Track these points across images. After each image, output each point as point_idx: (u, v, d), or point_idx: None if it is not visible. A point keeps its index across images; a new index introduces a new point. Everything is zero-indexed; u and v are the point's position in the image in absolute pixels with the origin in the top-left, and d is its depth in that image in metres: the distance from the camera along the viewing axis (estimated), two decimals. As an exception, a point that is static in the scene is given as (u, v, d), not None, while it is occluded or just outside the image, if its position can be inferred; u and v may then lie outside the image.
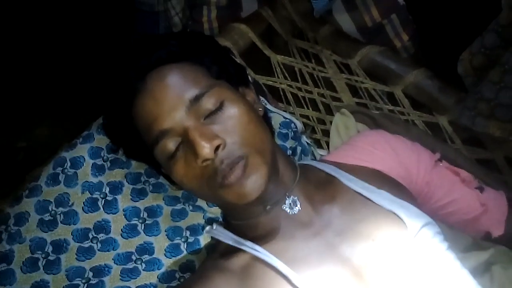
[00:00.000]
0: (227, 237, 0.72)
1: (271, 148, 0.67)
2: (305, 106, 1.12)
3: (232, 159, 0.62)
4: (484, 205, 0.77)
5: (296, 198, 0.70)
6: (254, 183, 0.62)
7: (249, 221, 0.71)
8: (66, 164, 0.88)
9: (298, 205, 0.70)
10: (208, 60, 0.69)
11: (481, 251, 0.81)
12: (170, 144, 0.65)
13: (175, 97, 0.64)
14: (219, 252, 0.73)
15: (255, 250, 0.67)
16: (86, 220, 0.86)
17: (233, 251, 0.70)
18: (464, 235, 0.83)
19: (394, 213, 0.67)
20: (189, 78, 0.65)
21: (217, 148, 0.61)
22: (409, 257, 0.65)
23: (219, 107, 0.64)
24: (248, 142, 0.63)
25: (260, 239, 0.69)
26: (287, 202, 0.70)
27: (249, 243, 0.68)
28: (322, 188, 0.73)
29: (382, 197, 0.70)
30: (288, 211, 0.69)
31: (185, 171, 0.64)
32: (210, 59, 0.69)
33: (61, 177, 0.87)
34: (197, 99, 0.64)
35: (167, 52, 0.66)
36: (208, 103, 0.64)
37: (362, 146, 0.80)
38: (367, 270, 0.64)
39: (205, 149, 0.60)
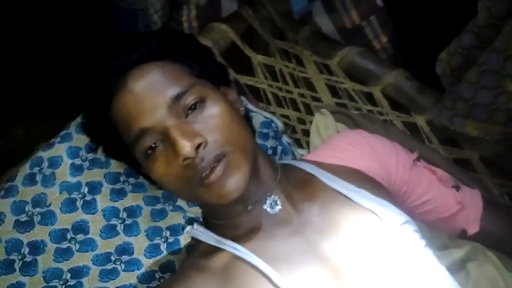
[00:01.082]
0: (208, 237, 0.72)
1: (252, 148, 0.67)
2: (285, 106, 1.13)
3: (213, 157, 0.62)
4: (460, 203, 0.78)
5: (277, 197, 0.70)
6: (235, 182, 0.62)
7: (230, 220, 0.71)
8: (43, 164, 0.87)
9: (279, 205, 0.70)
10: (190, 59, 0.68)
11: (457, 249, 0.83)
12: (151, 143, 0.64)
13: (156, 95, 0.63)
14: (199, 252, 0.73)
15: (236, 249, 0.67)
16: (64, 221, 0.84)
17: (214, 250, 0.70)
18: (441, 233, 0.84)
19: (373, 212, 0.68)
20: (170, 76, 0.65)
21: (198, 146, 0.61)
22: (388, 255, 0.65)
23: (201, 105, 0.64)
24: (229, 140, 0.63)
25: (240, 238, 0.69)
26: (267, 201, 0.70)
27: (229, 242, 0.68)
28: (302, 187, 0.73)
29: (361, 196, 0.70)
30: (269, 210, 0.69)
31: (166, 170, 0.64)
32: (192, 58, 0.69)
33: (38, 177, 0.86)
34: (178, 97, 0.63)
35: (149, 50, 0.66)
36: (189, 102, 0.64)
37: (341, 145, 0.80)
38: (346, 267, 0.64)
39: (186, 147, 0.60)
